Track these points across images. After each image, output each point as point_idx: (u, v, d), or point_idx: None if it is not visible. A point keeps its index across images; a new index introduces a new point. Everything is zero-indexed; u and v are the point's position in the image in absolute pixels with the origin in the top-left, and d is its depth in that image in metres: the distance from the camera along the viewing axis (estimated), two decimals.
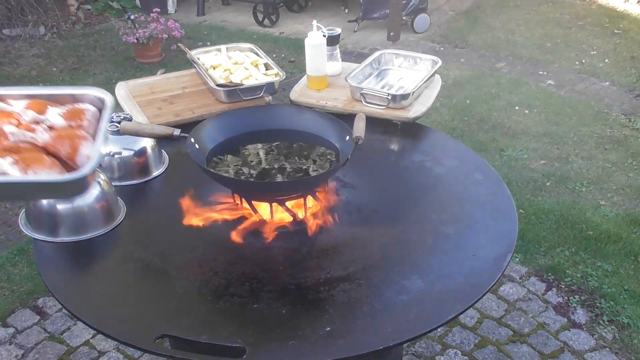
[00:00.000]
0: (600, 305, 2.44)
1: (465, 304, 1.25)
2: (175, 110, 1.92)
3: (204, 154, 1.54)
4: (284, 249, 1.44)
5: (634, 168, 3.37)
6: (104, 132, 1.11)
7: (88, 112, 1.15)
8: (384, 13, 5.42)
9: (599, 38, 5.26)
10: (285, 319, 1.23)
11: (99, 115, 1.16)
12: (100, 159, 1.07)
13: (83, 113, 1.14)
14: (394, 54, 2.15)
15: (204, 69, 2.03)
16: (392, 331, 1.19)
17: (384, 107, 1.89)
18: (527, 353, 2.26)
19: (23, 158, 1.02)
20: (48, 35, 5.48)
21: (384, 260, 1.39)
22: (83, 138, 1.08)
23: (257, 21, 5.86)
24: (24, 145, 1.06)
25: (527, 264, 2.67)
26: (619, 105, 4.12)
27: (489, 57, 4.99)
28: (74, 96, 1.18)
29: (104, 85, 4.57)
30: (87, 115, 1.14)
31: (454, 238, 1.45)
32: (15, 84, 4.56)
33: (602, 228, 2.84)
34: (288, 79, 2.33)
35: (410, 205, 1.59)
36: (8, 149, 1.05)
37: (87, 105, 1.16)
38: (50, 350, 2.32)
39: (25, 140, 1.07)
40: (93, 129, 1.13)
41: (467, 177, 1.69)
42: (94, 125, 1.14)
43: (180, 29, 4.91)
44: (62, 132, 1.09)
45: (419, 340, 2.30)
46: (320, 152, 1.58)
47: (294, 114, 1.70)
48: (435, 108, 3.97)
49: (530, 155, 3.49)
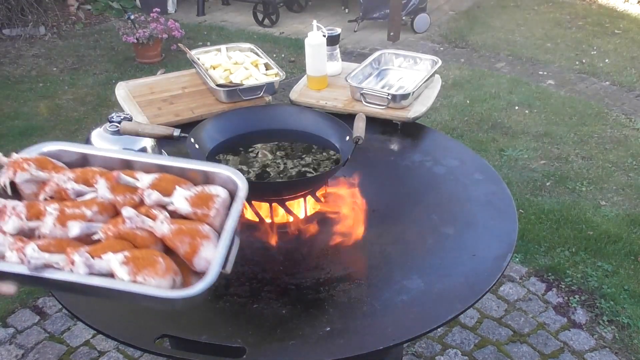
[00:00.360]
0: (600, 305, 2.44)
1: (465, 304, 1.25)
2: (175, 110, 1.92)
3: (204, 154, 1.54)
4: (284, 249, 1.44)
5: (634, 168, 3.37)
6: (230, 233, 0.99)
7: (218, 199, 1.04)
8: (384, 13, 5.42)
9: (599, 38, 5.26)
10: (285, 319, 1.23)
11: (229, 202, 1.05)
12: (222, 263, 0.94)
13: (212, 200, 1.03)
14: (394, 54, 2.15)
15: (204, 69, 2.03)
16: (392, 331, 1.19)
17: (384, 107, 1.88)
18: (527, 353, 2.26)
19: (135, 258, 0.93)
20: (48, 35, 5.48)
21: (384, 260, 1.39)
22: (205, 238, 0.98)
23: (257, 21, 5.86)
24: (140, 233, 0.98)
25: (527, 264, 2.67)
26: (619, 105, 4.12)
27: (489, 57, 4.99)
28: (205, 174, 1.08)
29: (104, 85, 4.60)
30: (216, 204, 1.03)
31: (454, 238, 1.45)
32: (15, 84, 4.56)
33: (602, 228, 2.84)
34: (288, 79, 2.33)
35: (410, 205, 1.59)
36: (123, 236, 0.97)
37: (218, 190, 1.05)
38: (50, 350, 2.32)
39: (143, 227, 0.98)
40: (220, 220, 1.02)
41: (467, 177, 1.68)
42: (222, 216, 1.03)
43: (180, 29, 4.91)
44: (184, 227, 0.98)
45: (419, 340, 2.30)
46: (320, 152, 1.58)
47: (294, 114, 1.70)
48: (435, 108, 3.97)
49: (530, 155, 3.49)
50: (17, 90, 4.48)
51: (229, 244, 0.98)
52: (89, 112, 4.15)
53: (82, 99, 4.34)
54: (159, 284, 0.91)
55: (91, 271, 0.91)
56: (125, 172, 1.05)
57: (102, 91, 4.41)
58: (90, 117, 4.07)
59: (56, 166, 1.09)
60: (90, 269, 0.91)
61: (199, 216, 1.01)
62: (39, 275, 0.90)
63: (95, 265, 0.91)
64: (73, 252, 0.92)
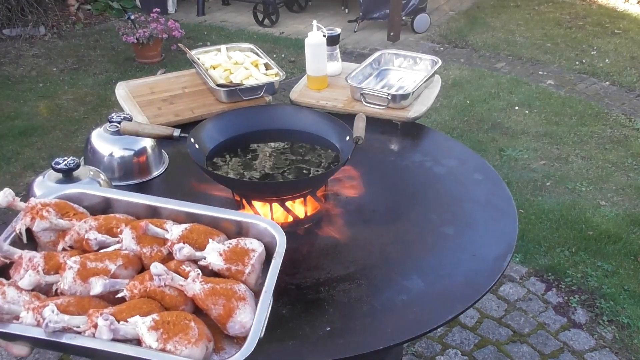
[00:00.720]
0: (600, 305, 2.44)
1: (465, 304, 1.25)
2: (175, 110, 1.92)
3: (204, 154, 1.54)
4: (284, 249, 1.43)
5: (634, 168, 3.37)
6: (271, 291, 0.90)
7: (254, 254, 0.96)
8: (384, 13, 5.42)
9: (599, 38, 5.26)
10: (285, 319, 1.23)
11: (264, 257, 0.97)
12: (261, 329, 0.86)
13: (248, 256, 0.95)
14: (394, 54, 2.15)
15: (204, 69, 2.03)
16: (392, 331, 1.19)
17: (384, 107, 1.88)
18: (527, 353, 2.26)
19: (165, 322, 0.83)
20: (48, 35, 5.48)
21: (384, 260, 1.39)
22: (242, 300, 0.89)
23: (257, 21, 5.86)
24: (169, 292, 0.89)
25: (527, 264, 2.67)
26: (619, 105, 4.12)
27: (489, 57, 4.99)
28: (240, 224, 1.00)
29: (104, 85, 4.60)
30: (252, 260, 0.95)
31: (454, 238, 1.45)
32: (16, 84, 4.56)
33: (602, 228, 2.84)
34: (288, 79, 2.33)
35: (410, 205, 1.59)
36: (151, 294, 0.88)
37: (254, 244, 0.98)
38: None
39: (172, 285, 0.89)
40: (255, 277, 0.94)
41: (467, 177, 1.68)
42: (257, 273, 0.95)
43: (180, 29, 4.91)
44: (218, 287, 0.89)
45: (419, 340, 2.30)
46: (320, 152, 1.58)
47: (294, 114, 1.70)
48: (435, 108, 3.97)
49: (530, 155, 3.49)
50: (17, 90, 4.48)
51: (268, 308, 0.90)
52: (89, 112, 4.15)
53: (82, 99, 4.34)
54: (191, 354, 0.82)
55: (115, 336, 0.83)
56: (153, 222, 0.97)
57: (102, 91, 4.41)
58: (90, 117, 4.07)
59: (77, 212, 1.01)
60: (115, 333, 0.83)
61: (232, 273, 0.94)
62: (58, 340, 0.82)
63: (121, 330, 0.83)
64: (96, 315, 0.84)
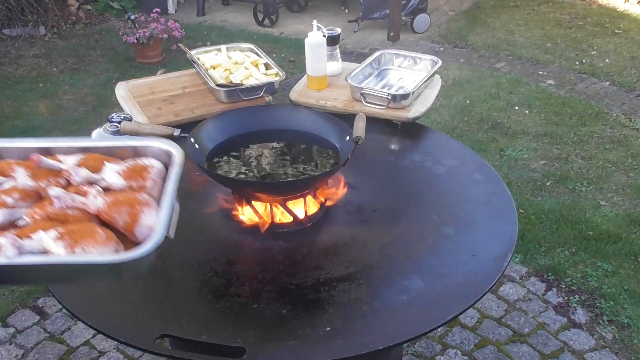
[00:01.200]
0: (600, 305, 2.44)
1: (465, 304, 1.25)
2: (175, 110, 1.92)
3: (203, 154, 1.54)
4: (284, 249, 1.44)
5: (634, 168, 3.37)
6: (172, 196, 0.90)
7: (153, 169, 0.96)
8: (384, 13, 5.42)
9: (599, 38, 5.26)
10: (285, 319, 1.23)
11: (165, 173, 0.97)
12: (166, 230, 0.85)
13: (146, 171, 0.95)
14: (394, 54, 2.15)
15: (204, 69, 2.03)
16: (392, 331, 1.19)
17: (384, 107, 1.89)
18: (527, 353, 2.26)
19: (70, 231, 0.82)
20: (48, 35, 5.48)
21: (384, 260, 1.39)
22: (145, 204, 0.89)
23: (257, 21, 5.86)
24: (72, 212, 0.88)
25: (527, 264, 2.67)
26: (619, 105, 4.12)
27: (489, 57, 4.99)
28: (135, 149, 0.99)
29: (104, 85, 4.60)
30: (151, 174, 0.95)
31: (454, 238, 1.45)
32: (16, 84, 4.56)
33: (602, 228, 2.84)
34: (288, 79, 2.33)
35: (410, 205, 1.59)
36: (53, 217, 0.87)
37: (152, 161, 0.97)
38: (50, 350, 2.32)
39: (74, 206, 0.88)
40: (158, 190, 0.94)
41: (467, 177, 1.69)
42: (160, 186, 0.94)
43: (180, 29, 4.91)
44: (120, 197, 0.89)
45: (419, 340, 2.30)
46: (320, 152, 1.58)
47: (294, 114, 1.71)
48: (435, 108, 3.97)
49: (530, 155, 3.49)
50: (17, 90, 4.48)
51: (171, 207, 0.89)
52: (89, 112, 4.15)
53: (82, 99, 4.34)
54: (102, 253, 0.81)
55: (22, 252, 0.81)
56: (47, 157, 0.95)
57: (102, 91, 4.41)
58: (90, 117, 4.07)
59: None
60: (21, 250, 0.81)
61: (134, 189, 0.93)
62: None
63: (26, 245, 0.81)
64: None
